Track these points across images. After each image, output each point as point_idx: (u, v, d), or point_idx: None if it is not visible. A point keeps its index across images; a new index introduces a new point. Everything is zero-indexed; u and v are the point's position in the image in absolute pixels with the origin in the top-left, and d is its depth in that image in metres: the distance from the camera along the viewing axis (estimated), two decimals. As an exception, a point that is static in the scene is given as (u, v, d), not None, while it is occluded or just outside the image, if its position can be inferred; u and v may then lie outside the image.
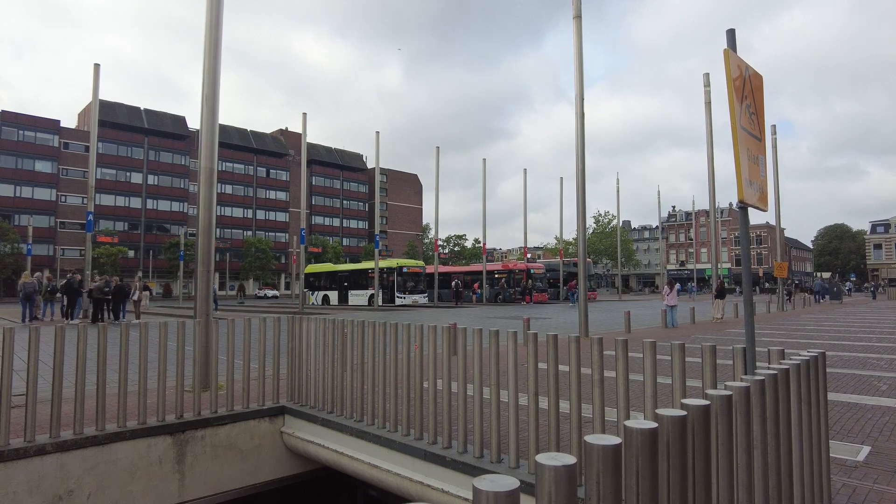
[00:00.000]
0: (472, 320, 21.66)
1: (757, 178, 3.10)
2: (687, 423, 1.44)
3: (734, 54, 3.00)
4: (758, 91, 3.22)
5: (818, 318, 21.20)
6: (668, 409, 1.43)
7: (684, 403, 1.53)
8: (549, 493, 1.02)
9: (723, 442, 1.65)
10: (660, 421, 1.41)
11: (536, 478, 1.04)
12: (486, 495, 0.90)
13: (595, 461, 1.15)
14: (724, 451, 1.65)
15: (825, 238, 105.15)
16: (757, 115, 3.17)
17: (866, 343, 12.50)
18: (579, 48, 14.41)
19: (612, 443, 1.15)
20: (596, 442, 1.15)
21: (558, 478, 1.01)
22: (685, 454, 1.42)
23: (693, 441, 1.51)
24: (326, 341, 5.75)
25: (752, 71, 3.16)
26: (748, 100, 3.09)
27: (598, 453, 1.14)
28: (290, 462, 6.26)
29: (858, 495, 3.62)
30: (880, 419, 5.58)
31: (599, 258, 77.63)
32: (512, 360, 3.92)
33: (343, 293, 39.33)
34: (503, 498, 0.89)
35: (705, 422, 1.53)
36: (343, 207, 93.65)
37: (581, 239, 14.46)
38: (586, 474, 1.16)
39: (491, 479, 0.93)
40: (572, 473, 1.02)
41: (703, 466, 1.52)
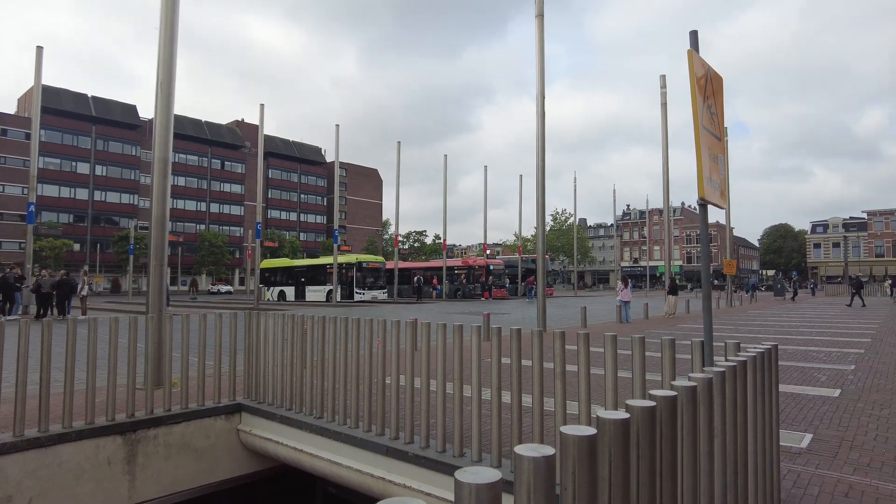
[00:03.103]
0: (434, 316, 21.67)
1: (717, 176, 3.19)
2: (656, 413, 1.47)
3: (697, 55, 3.08)
4: (718, 92, 3.32)
5: (763, 314, 22.12)
6: (639, 401, 1.45)
7: (653, 394, 1.56)
8: (528, 484, 1.01)
9: (688, 431, 1.69)
10: (631, 412, 1.43)
11: (515, 469, 1.03)
12: (469, 488, 0.89)
13: (571, 452, 1.15)
14: (688, 440, 1.70)
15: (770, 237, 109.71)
16: (717, 115, 3.27)
17: (807, 337, 13.12)
18: (541, 47, 14.56)
19: (588, 433, 1.16)
20: (572, 433, 1.16)
21: (537, 469, 1.01)
22: (654, 444, 1.45)
23: (661, 431, 1.54)
24: (286, 337, 5.64)
25: (713, 72, 3.26)
26: (710, 100, 3.19)
27: (574, 444, 1.15)
28: (248, 460, 6.13)
29: (802, 480, 3.79)
30: (821, 408, 5.86)
31: (556, 255, 78.93)
32: (476, 354, 3.93)
33: (300, 289, 38.72)
34: (485, 490, 0.88)
35: (672, 412, 1.56)
36: (301, 201, 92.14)
37: (540, 237, 14.65)
38: (562, 465, 1.17)
39: (473, 471, 0.92)
40: (551, 465, 1.02)
41: (670, 455, 1.56)
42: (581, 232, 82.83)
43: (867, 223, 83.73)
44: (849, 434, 4.90)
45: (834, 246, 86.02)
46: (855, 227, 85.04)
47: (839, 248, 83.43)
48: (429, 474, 4.24)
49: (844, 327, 15.76)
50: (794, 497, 3.51)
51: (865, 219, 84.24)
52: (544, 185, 14.03)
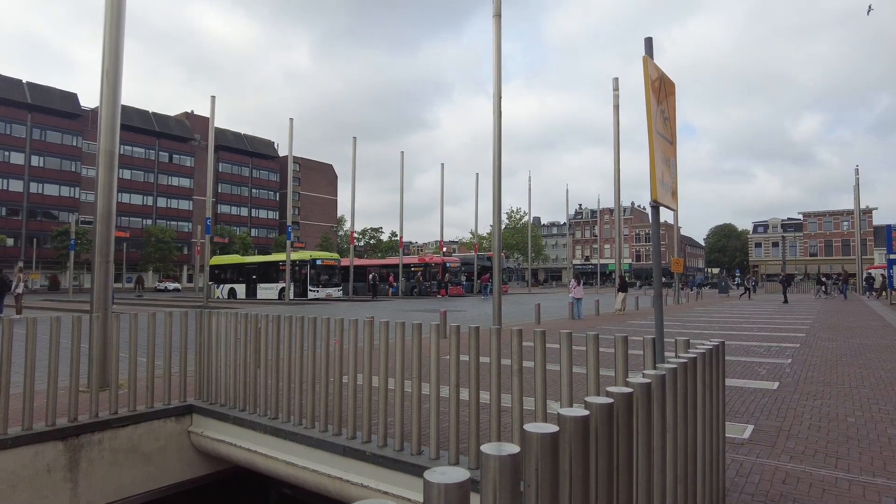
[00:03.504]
0: (390, 314, 21.58)
1: (669, 179, 3.31)
2: (614, 409, 1.52)
3: (651, 61, 3.18)
4: (671, 97, 3.44)
5: (709, 311, 23.01)
6: (597, 398, 1.50)
7: (610, 391, 1.61)
8: (493, 482, 1.03)
9: (643, 426, 1.76)
10: (590, 408, 1.47)
11: (482, 468, 1.05)
12: (438, 487, 0.90)
13: (534, 449, 1.18)
14: (643, 435, 1.76)
15: (715, 236, 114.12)
16: (670, 119, 3.39)
17: (748, 332, 13.73)
18: (498, 47, 14.66)
19: (551, 431, 1.19)
20: (535, 430, 1.19)
21: (503, 467, 1.03)
22: (612, 439, 1.50)
23: (618, 427, 1.59)
24: (238, 337, 5.51)
25: (666, 77, 3.38)
26: (663, 105, 3.30)
27: (538, 441, 1.18)
28: (199, 463, 5.96)
29: (745, 469, 3.98)
30: (761, 400, 6.16)
31: (511, 253, 79.85)
32: (434, 352, 3.95)
33: (251, 286, 37.85)
34: (454, 489, 0.90)
35: (629, 408, 1.62)
36: (252, 196, 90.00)
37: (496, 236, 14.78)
38: (525, 462, 1.20)
39: (441, 471, 0.93)
40: (517, 462, 1.04)
41: (627, 450, 1.61)
42: (535, 230, 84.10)
43: (803, 224, 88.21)
44: (786, 424, 5.17)
45: (773, 245, 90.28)
46: (792, 228, 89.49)
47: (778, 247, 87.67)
48: (387, 473, 4.23)
49: (781, 323, 16.56)
50: (737, 485, 3.68)
51: (801, 220, 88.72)
52: (500, 184, 14.15)
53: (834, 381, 7.22)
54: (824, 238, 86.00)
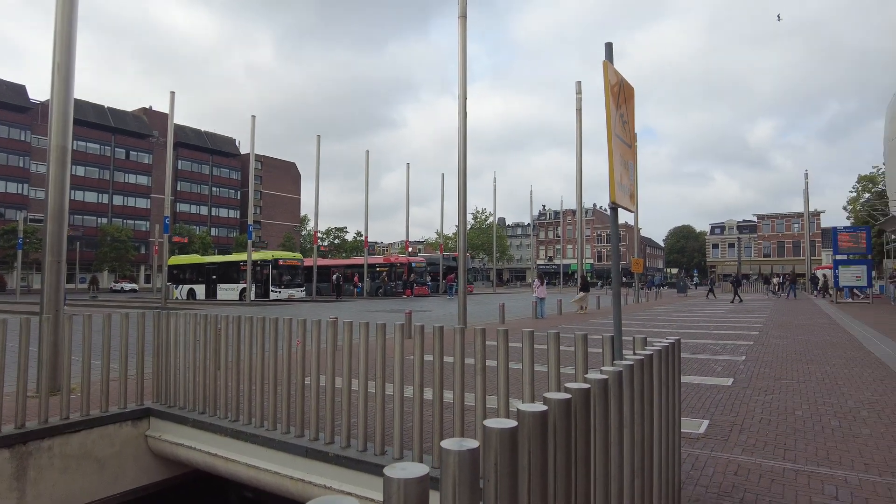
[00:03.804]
0: (354, 314, 21.43)
1: (627, 181, 3.40)
2: (571, 405, 1.56)
3: (612, 66, 3.26)
4: (630, 101, 3.53)
5: (668, 310, 23.61)
6: (556, 393, 1.53)
7: (568, 387, 1.65)
8: (453, 477, 1.05)
9: (600, 421, 1.80)
10: (548, 404, 1.51)
11: (441, 463, 1.07)
12: (397, 483, 0.91)
13: (493, 444, 1.20)
14: (601, 430, 1.81)
15: (674, 237, 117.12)
16: (629, 123, 3.49)
17: (705, 331, 14.16)
18: (463, 47, 14.73)
19: (509, 426, 1.22)
20: (494, 426, 1.21)
21: (462, 462, 1.05)
22: (570, 434, 1.54)
23: (576, 421, 1.63)
24: (198, 338, 5.40)
25: (625, 82, 3.47)
26: (622, 109, 3.39)
27: (497, 436, 1.20)
28: (157, 468, 5.81)
29: (700, 462, 4.11)
30: (716, 396, 6.36)
31: (476, 253, 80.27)
32: (398, 352, 3.95)
33: (211, 287, 37.03)
34: (413, 484, 0.91)
35: (586, 404, 1.66)
36: (213, 195, 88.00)
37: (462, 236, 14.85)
38: (484, 457, 1.22)
39: (401, 467, 0.95)
40: (475, 457, 1.07)
41: (584, 444, 1.65)
42: (500, 231, 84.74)
43: (757, 226, 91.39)
44: (739, 419, 5.36)
45: (729, 246, 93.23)
46: (747, 230, 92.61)
47: (734, 248, 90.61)
48: (350, 474, 4.22)
49: (736, 322, 17.13)
50: (692, 478, 3.80)
51: (756, 222, 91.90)
52: (465, 185, 14.23)
53: (784, 377, 7.51)
54: (777, 239, 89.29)
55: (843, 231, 30.93)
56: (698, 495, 3.51)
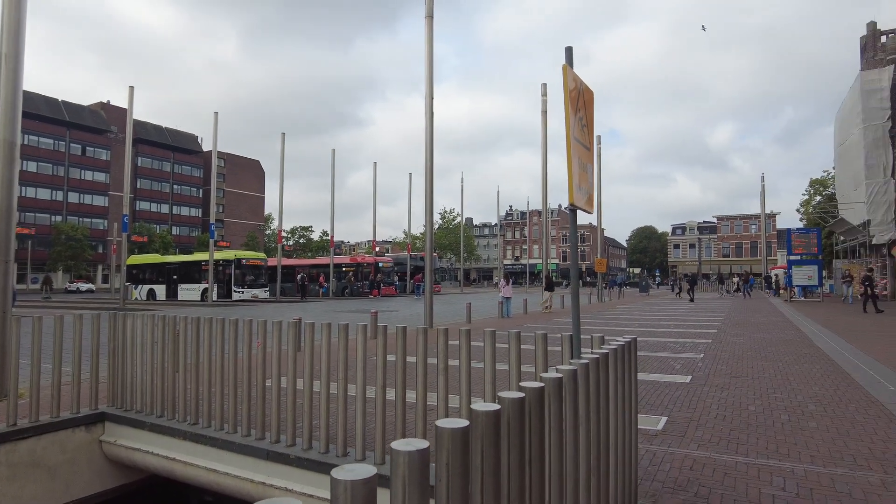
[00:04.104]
0: (319, 315, 21.23)
1: (585, 183, 3.47)
2: (525, 404, 1.58)
3: (571, 70, 3.32)
4: (589, 105, 3.60)
5: (630, 309, 24.09)
6: (509, 392, 1.56)
7: (522, 386, 1.68)
8: (403, 477, 1.06)
9: (555, 419, 1.84)
10: (502, 403, 1.53)
11: (391, 463, 1.08)
12: (344, 485, 0.91)
13: (445, 444, 1.22)
14: (555, 428, 1.84)
15: (637, 238, 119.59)
16: (587, 126, 3.55)
17: (666, 329, 14.50)
18: (430, 47, 14.75)
19: (461, 426, 1.23)
20: (446, 426, 1.23)
21: (412, 462, 1.06)
22: (523, 432, 1.56)
23: (530, 420, 1.66)
24: (155, 340, 5.27)
25: (584, 86, 3.53)
26: (581, 112, 3.45)
27: (448, 436, 1.22)
28: (112, 474, 5.65)
29: (657, 458, 4.22)
30: (675, 393, 6.53)
31: (444, 253, 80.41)
32: (361, 353, 3.93)
33: (172, 287, 36.13)
34: (360, 486, 0.92)
35: (540, 402, 1.69)
36: (174, 193, 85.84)
37: (428, 236, 14.87)
38: (437, 457, 1.23)
39: (349, 468, 0.95)
40: (425, 457, 1.08)
41: (538, 443, 1.68)
42: (467, 231, 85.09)
43: (717, 227, 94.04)
44: (696, 415, 5.51)
45: (690, 247, 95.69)
46: (707, 230, 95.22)
47: (694, 248, 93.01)
48: (312, 476, 4.18)
49: (695, 320, 17.60)
50: (650, 474, 3.90)
51: (715, 223, 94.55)
52: (433, 185, 14.25)
53: (740, 374, 7.76)
54: (735, 240, 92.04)
55: (796, 232, 32.11)
56: (655, 490, 3.60)
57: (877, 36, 31.74)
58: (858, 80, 29.68)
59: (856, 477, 3.77)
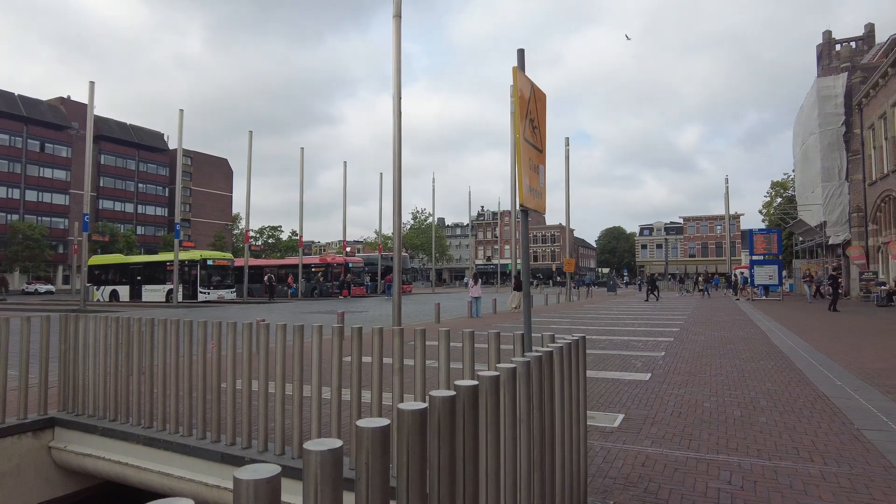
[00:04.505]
0: (285, 316, 20.98)
1: (537, 185, 3.52)
2: (456, 402, 1.60)
3: (522, 73, 3.36)
4: (541, 107, 3.65)
5: (597, 308, 24.44)
6: (440, 391, 1.57)
7: (456, 385, 1.69)
8: (315, 475, 1.06)
9: (491, 417, 1.86)
10: (431, 402, 1.54)
11: (304, 463, 1.08)
12: (246, 484, 0.91)
13: (365, 443, 1.22)
14: (492, 425, 1.86)
15: (605, 238, 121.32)
16: (539, 129, 3.60)
17: (631, 328, 14.76)
18: (398, 47, 14.69)
19: (381, 425, 1.24)
20: (365, 425, 1.23)
21: (324, 462, 1.07)
22: (454, 431, 1.58)
23: (464, 418, 1.67)
24: (108, 342, 5.14)
25: (536, 89, 3.58)
26: (532, 115, 3.50)
27: (368, 436, 1.22)
28: (62, 481, 5.49)
29: (611, 455, 4.29)
30: (634, 391, 6.65)
31: (416, 253, 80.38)
32: (316, 355, 3.91)
33: (136, 288, 35.28)
34: (263, 485, 0.92)
35: (474, 400, 1.70)
36: (139, 192, 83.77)
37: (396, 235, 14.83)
38: (357, 455, 1.24)
39: (253, 468, 0.95)
40: (338, 456, 1.08)
41: (472, 440, 1.70)
42: (439, 231, 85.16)
43: (683, 227, 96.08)
44: (652, 412, 5.63)
45: (657, 247, 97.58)
46: (674, 231, 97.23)
47: (661, 249, 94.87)
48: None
49: (659, 319, 17.95)
50: (602, 470, 3.97)
51: (682, 223, 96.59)
52: (401, 185, 14.21)
53: (697, 371, 7.94)
54: (701, 240, 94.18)
55: (758, 233, 33.04)
56: (606, 486, 3.67)
57: (832, 44, 32.88)
58: (815, 86, 30.71)
59: (797, 469, 3.90)
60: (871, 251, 27.13)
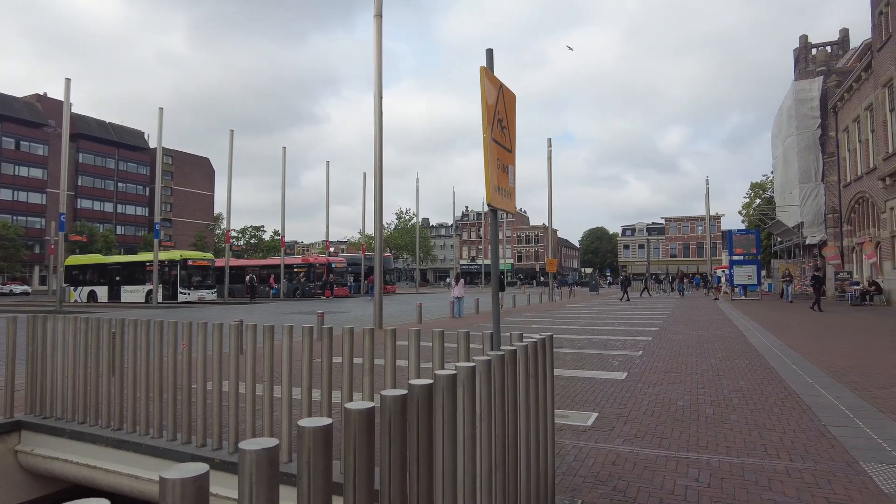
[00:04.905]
0: (265, 317, 20.82)
1: (506, 185, 3.53)
2: (409, 401, 1.60)
3: (489, 72, 3.38)
4: (510, 107, 3.67)
5: (579, 308, 24.60)
6: (391, 391, 1.57)
7: (410, 384, 1.69)
8: (249, 474, 1.06)
9: (448, 416, 1.86)
10: (382, 401, 1.54)
11: (239, 462, 1.07)
12: (172, 483, 0.91)
13: (306, 442, 1.22)
14: (448, 425, 1.86)
15: (588, 239, 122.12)
16: (508, 128, 3.62)
17: (610, 327, 14.87)
18: (379, 47, 14.71)
19: (322, 424, 1.24)
20: (307, 424, 1.23)
21: (259, 460, 1.06)
22: (405, 430, 1.58)
23: (417, 417, 1.67)
24: (78, 343, 5.05)
25: (505, 89, 3.60)
26: (500, 114, 3.51)
27: (309, 434, 1.22)
28: (28, 486, 5.38)
29: (582, 454, 4.32)
30: (609, 389, 6.71)
31: (401, 253, 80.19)
32: (286, 355, 3.89)
33: (115, 289, 34.76)
34: (189, 483, 0.91)
35: (428, 399, 1.70)
36: (119, 191, 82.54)
37: (378, 235, 14.80)
38: (298, 454, 1.23)
39: (182, 467, 0.94)
40: (273, 455, 1.08)
41: (426, 440, 1.69)
42: (423, 231, 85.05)
43: (665, 228, 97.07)
44: (625, 411, 5.68)
45: (639, 247, 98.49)
46: (656, 231, 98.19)
47: (643, 249, 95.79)
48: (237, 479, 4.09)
49: (640, 319, 18.12)
50: (573, 469, 3.99)
51: (663, 224, 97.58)
52: (382, 184, 14.19)
53: (673, 370, 8.03)
54: (683, 241, 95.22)
55: (737, 234, 33.50)
56: (575, 485, 3.69)
57: (808, 48, 33.46)
58: (792, 89, 31.22)
59: (764, 465, 3.96)
60: (846, 251, 27.65)
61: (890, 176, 20.82)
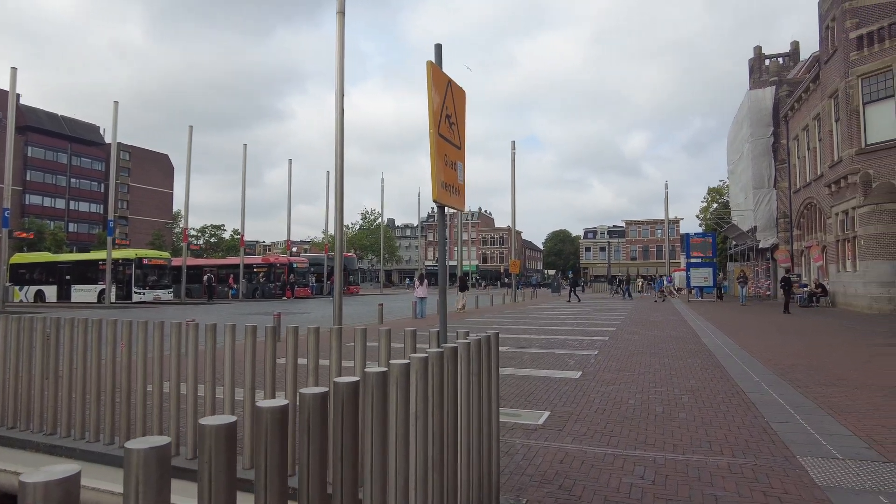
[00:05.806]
0: (222, 317, 20.36)
1: (454, 181, 3.51)
2: (329, 400, 1.55)
3: (438, 68, 3.34)
4: (459, 104, 3.65)
5: (540, 308, 24.83)
6: (312, 388, 1.51)
7: (336, 381, 1.64)
8: (136, 474, 0.99)
9: (377, 415, 1.81)
10: (301, 399, 1.48)
11: (125, 462, 1.00)
12: (33, 486, 0.83)
13: (207, 440, 1.15)
14: (378, 424, 1.81)
15: (552, 241, 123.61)
16: (457, 125, 3.59)
17: (570, 328, 15.05)
18: (341, 44, 14.51)
19: (226, 422, 1.18)
20: (209, 423, 1.16)
21: (147, 461, 0.99)
22: (326, 430, 1.52)
23: (342, 416, 1.62)
24: (9, 343, 4.80)
25: (455, 85, 3.57)
26: (449, 110, 3.48)
27: (210, 433, 1.16)
28: (-46, 493, 5.08)
29: (531, 452, 4.33)
30: (562, 388, 6.76)
31: (365, 253, 79.59)
32: (229, 356, 3.77)
33: (65, 288, 33.45)
34: (53, 486, 0.84)
35: (353, 398, 1.65)
36: (72, 187, 79.51)
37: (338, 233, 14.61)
38: (199, 452, 1.17)
39: (46, 470, 0.87)
40: (163, 455, 1.01)
41: (351, 439, 1.64)
42: (389, 232, 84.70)
43: (626, 231, 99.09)
44: (577, 409, 5.72)
45: (601, 250, 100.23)
46: (617, 234, 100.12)
47: (605, 251, 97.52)
48: (178, 483, 3.95)
49: (598, 319, 18.39)
50: (521, 468, 3.99)
51: (624, 227, 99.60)
52: (342, 183, 14.02)
53: (627, 369, 8.15)
54: (643, 244, 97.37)
55: (694, 237, 34.43)
56: (522, 484, 3.69)
57: (762, 59, 34.66)
58: (747, 97, 32.27)
59: (707, 462, 4.04)
60: (796, 255, 28.71)
61: (835, 183, 21.71)
